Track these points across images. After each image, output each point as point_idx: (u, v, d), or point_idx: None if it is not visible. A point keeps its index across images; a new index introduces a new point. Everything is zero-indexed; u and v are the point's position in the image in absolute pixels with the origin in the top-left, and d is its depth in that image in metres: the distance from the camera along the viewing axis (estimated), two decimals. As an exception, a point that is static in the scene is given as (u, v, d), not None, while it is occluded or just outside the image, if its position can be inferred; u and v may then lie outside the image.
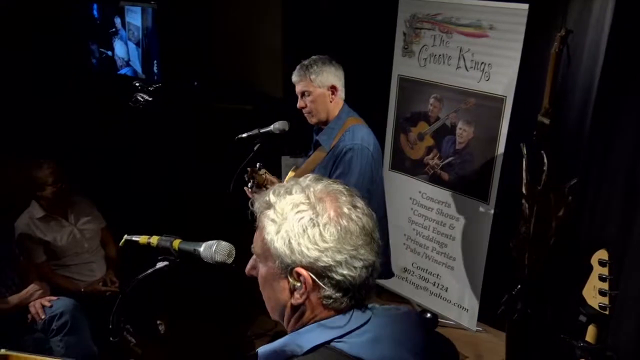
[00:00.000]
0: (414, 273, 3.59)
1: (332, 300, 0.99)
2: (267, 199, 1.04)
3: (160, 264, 1.53)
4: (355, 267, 0.97)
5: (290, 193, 1.02)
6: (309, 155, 2.59)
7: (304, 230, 0.97)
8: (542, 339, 2.84)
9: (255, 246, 1.06)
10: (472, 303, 3.31)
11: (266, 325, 3.48)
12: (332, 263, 0.96)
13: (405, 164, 3.52)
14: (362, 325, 1.01)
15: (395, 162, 3.57)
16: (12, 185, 3.12)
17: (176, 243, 1.50)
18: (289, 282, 1.00)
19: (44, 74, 3.73)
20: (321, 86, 2.38)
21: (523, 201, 2.75)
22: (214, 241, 1.46)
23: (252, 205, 1.09)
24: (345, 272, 0.97)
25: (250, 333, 3.44)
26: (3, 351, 1.21)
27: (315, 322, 1.01)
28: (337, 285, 0.98)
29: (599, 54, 2.67)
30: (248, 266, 1.11)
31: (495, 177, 3.05)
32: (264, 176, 2.39)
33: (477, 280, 3.26)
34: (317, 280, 0.97)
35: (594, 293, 1.87)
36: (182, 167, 3.89)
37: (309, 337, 1.00)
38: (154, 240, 1.54)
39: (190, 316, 3.41)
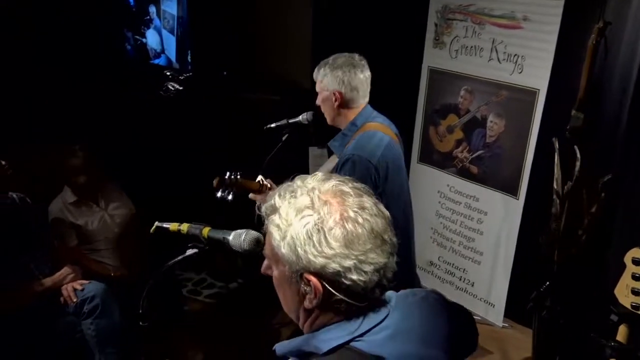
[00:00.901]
0: (440, 267, 3.57)
1: (344, 304, 0.98)
2: (273, 202, 1.03)
3: (189, 251, 1.55)
4: (365, 272, 0.95)
5: (295, 196, 1.00)
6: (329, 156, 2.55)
7: (309, 237, 0.95)
8: (571, 337, 2.79)
9: (266, 249, 1.05)
10: (498, 298, 3.27)
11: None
12: (340, 269, 0.94)
13: (433, 157, 3.49)
14: (380, 323, 1.00)
15: (423, 154, 3.54)
16: (46, 170, 3.19)
17: (205, 231, 1.52)
18: (299, 287, 0.99)
19: (78, 60, 3.78)
20: (326, 89, 2.27)
21: (554, 197, 2.70)
22: (243, 230, 1.47)
23: (258, 209, 1.08)
24: (355, 277, 0.95)
25: (275, 321, 3.47)
26: None
27: (331, 324, 1.00)
28: (347, 290, 0.96)
29: (638, 47, 2.59)
30: (263, 266, 1.10)
31: (525, 172, 2.99)
32: (258, 183, 2.29)
33: (504, 276, 3.22)
34: (327, 286, 0.96)
35: (626, 292, 1.83)
36: (209, 156, 3.92)
37: (327, 338, 0.99)
38: (184, 227, 1.56)
39: (216, 304, 3.47)
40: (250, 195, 2.33)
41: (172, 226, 1.58)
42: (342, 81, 2.23)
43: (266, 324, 3.47)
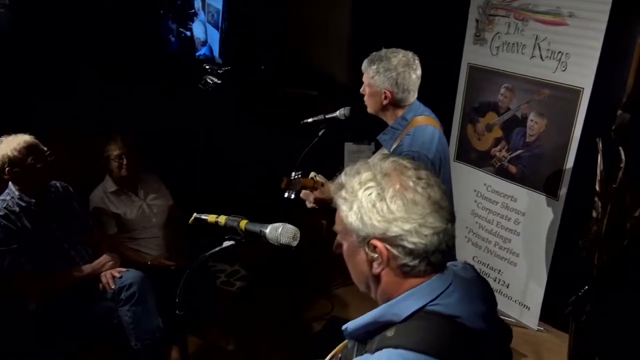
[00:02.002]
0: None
1: (409, 268, 1.06)
2: (340, 180, 1.13)
3: (226, 243, 1.58)
4: (425, 235, 1.03)
5: (359, 172, 1.10)
6: (373, 152, 2.53)
7: (372, 205, 1.05)
8: (610, 343, 2.72)
9: (336, 224, 1.15)
10: (534, 301, 3.21)
11: (324, 309, 3.53)
12: (401, 232, 1.03)
13: (470, 155, 3.44)
14: (448, 287, 1.08)
15: (460, 152, 3.49)
16: (88, 160, 3.27)
17: (243, 223, 1.54)
18: (366, 254, 1.08)
19: (122, 51, 3.84)
20: (376, 87, 2.25)
21: (596, 199, 2.62)
22: (280, 224, 1.48)
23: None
24: (416, 240, 1.03)
25: (307, 315, 3.49)
26: None
27: (403, 292, 1.07)
28: (410, 253, 1.05)
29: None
30: (334, 244, 1.19)
31: (566, 173, 2.92)
32: (313, 180, 2.27)
33: (541, 278, 3.15)
34: (391, 249, 1.05)
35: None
36: (247, 149, 3.96)
37: (404, 305, 1.06)
38: (222, 219, 1.58)
39: (248, 296, 3.50)
40: (302, 193, 2.32)
41: (210, 218, 1.61)
42: (396, 82, 2.21)
43: (297, 318, 3.49)
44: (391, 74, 2.20)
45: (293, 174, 2.25)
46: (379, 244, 1.05)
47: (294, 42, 4.03)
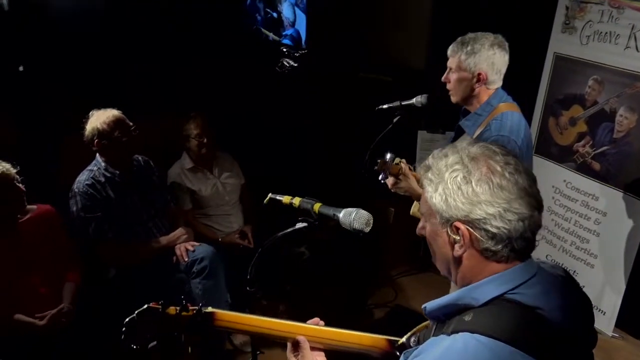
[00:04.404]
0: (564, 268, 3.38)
1: (491, 253, 1.05)
2: (427, 163, 1.13)
3: (299, 225, 1.59)
4: (509, 220, 1.02)
5: (446, 155, 1.10)
6: (451, 140, 2.47)
7: (458, 187, 1.04)
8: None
9: (421, 206, 1.15)
10: (611, 306, 3.05)
11: (387, 297, 3.52)
12: (485, 216, 1.02)
13: (551, 150, 3.29)
14: (532, 277, 1.05)
15: (540, 146, 3.34)
16: (167, 137, 3.40)
17: (317, 206, 1.55)
18: (449, 236, 1.07)
19: (204, 30, 3.92)
20: (468, 70, 2.18)
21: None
22: (354, 209, 1.48)
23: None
24: (499, 224, 1.02)
25: (371, 302, 3.50)
26: (210, 309, 1.39)
27: (484, 277, 1.06)
28: (493, 238, 1.03)
29: None
30: (418, 226, 1.19)
31: (656, 173, 2.74)
32: (399, 165, 2.25)
33: (619, 283, 2.99)
34: (473, 232, 1.04)
35: None
36: (319, 133, 3.97)
37: (484, 290, 1.05)
38: (297, 201, 1.60)
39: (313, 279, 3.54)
40: (388, 179, 2.30)
41: (285, 199, 1.63)
42: (492, 63, 2.16)
43: (360, 303, 3.51)
44: (486, 53, 2.15)
45: (388, 156, 2.22)
46: (461, 226, 1.04)
47: (372, 28, 3.97)
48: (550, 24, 3.16)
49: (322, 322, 1.44)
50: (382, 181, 2.27)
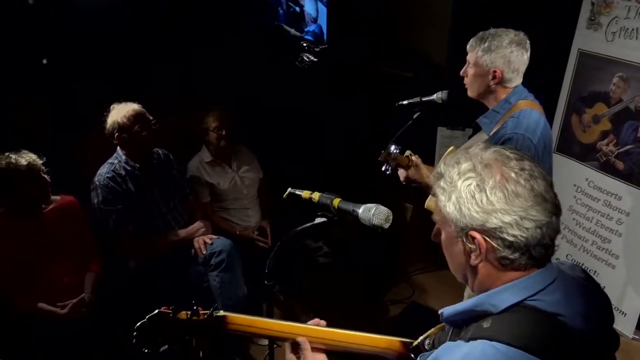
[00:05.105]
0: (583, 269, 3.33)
1: (509, 261, 1.02)
2: (439, 170, 1.10)
3: (318, 220, 1.60)
4: (526, 228, 0.99)
5: (459, 162, 1.06)
6: (470, 137, 2.44)
7: (472, 196, 1.01)
8: None
9: (435, 214, 1.13)
10: (632, 307, 3.00)
11: (404, 293, 3.51)
12: (501, 225, 0.99)
13: (573, 148, 3.23)
14: (551, 283, 1.03)
15: (562, 144, 3.29)
16: (187, 130, 3.42)
17: (336, 201, 1.55)
18: (464, 245, 1.05)
19: (225, 19, 3.92)
20: (483, 66, 2.15)
21: None
22: (373, 204, 1.48)
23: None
24: (516, 232, 0.99)
25: (387, 298, 3.49)
26: (221, 312, 1.38)
27: (502, 284, 1.04)
28: (510, 246, 1.01)
29: None
30: (433, 232, 1.17)
31: (682, 173, 2.68)
32: (407, 157, 2.25)
33: (642, 284, 2.94)
34: (490, 241, 1.01)
35: None
36: (339, 129, 3.96)
37: (503, 297, 1.03)
38: (316, 196, 1.60)
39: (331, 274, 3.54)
40: (400, 171, 2.31)
41: (304, 194, 1.63)
42: (508, 61, 2.12)
43: (379, 298, 3.50)
44: (503, 51, 2.11)
45: (392, 147, 2.21)
46: (477, 235, 1.02)
47: (393, 23, 3.95)
48: (575, 19, 3.09)
49: (322, 322, 1.43)
50: (387, 172, 2.26)
